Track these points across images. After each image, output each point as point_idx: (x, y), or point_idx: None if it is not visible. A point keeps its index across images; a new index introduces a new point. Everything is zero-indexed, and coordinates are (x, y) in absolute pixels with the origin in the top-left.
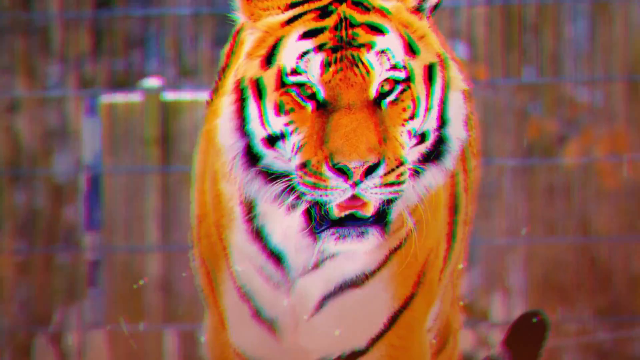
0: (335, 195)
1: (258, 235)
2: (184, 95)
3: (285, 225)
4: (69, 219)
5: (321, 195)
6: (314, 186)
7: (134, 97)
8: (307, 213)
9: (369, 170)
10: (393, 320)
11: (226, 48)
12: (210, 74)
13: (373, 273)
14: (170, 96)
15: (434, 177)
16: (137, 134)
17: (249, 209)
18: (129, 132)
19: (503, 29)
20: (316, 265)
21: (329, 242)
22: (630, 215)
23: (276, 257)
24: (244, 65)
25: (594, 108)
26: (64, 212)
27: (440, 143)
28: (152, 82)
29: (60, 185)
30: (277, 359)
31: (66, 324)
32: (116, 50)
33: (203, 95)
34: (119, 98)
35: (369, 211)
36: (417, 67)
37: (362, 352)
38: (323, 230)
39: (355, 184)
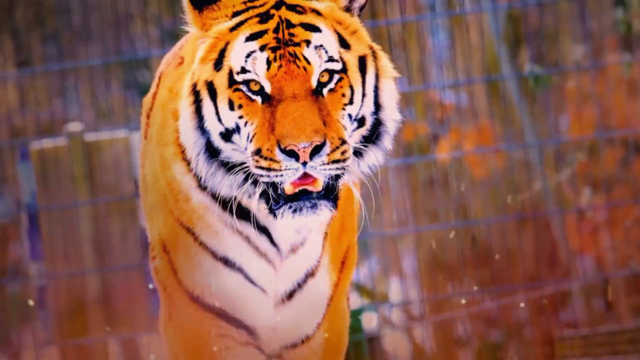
0: (289, 174)
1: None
2: (103, 135)
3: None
4: (15, 253)
5: (276, 176)
6: (268, 169)
7: (60, 141)
8: (266, 194)
9: (316, 150)
10: (327, 305)
11: (151, 92)
12: (123, 114)
13: (319, 261)
14: (91, 137)
15: (375, 155)
16: (65, 172)
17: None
18: (58, 172)
19: None
20: (293, 251)
21: (286, 215)
22: (500, 198)
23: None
24: (198, 70)
25: (459, 108)
26: (10, 248)
27: (378, 126)
28: (74, 127)
29: (4, 225)
30: (264, 317)
31: (22, 343)
32: (40, 102)
33: (119, 134)
34: (47, 143)
35: (319, 186)
36: (351, 58)
37: (309, 337)
38: (280, 207)
39: (305, 163)
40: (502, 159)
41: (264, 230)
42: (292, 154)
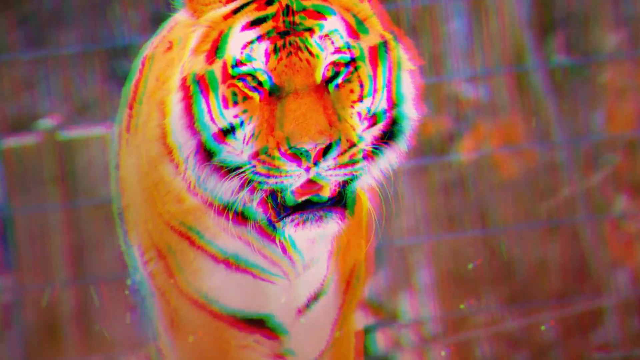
0: (291, 180)
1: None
2: (80, 133)
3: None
4: None
5: (277, 182)
6: (269, 173)
7: (31, 139)
8: (265, 202)
9: (322, 153)
10: (332, 330)
11: (134, 80)
12: (103, 108)
13: (322, 283)
14: (66, 134)
15: (389, 158)
16: (36, 174)
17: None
18: (28, 174)
19: None
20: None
21: (289, 229)
22: (526, 204)
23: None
24: (190, 62)
25: (480, 103)
26: None
27: (393, 124)
28: (45, 123)
29: None
30: (281, 311)
31: None
32: (8, 95)
33: (98, 131)
34: (17, 141)
35: (327, 193)
36: (363, 48)
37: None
38: (283, 218)
39: (309, 168)
40: (528, 159)
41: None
42: (296, 157)
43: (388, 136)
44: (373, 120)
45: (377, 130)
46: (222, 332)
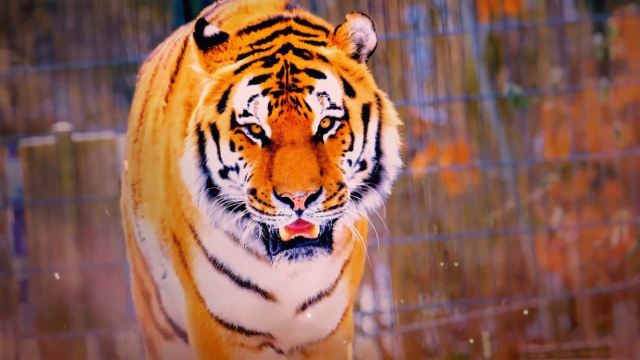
0: (282, 220)
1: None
2: (91, 136)
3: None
4: (0, 247)
5: (268, 219)
6: (262, 212)
7: (49, 140)
8: (264, 240)
9: (311, 198)
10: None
11: (175, 56)
12: (110, 116)
13: (337, 282)
14: (79, 137)
15: (374, 199)
16: (52, 170)
17: None
18: (45, 170)
19: None
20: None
21: (282, 262)
22: (474, 214)
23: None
24: (202, 110)
25: (438, 125)
26: None
27: (378, 170)
28: (63, 127)
29: None
30: (269, 322)
31: (4, 334)
32: (30, 101)
33: (106, 135)
34: (36, 141)
35: (315, 234)
36: (355, 105)
37: (328, 335)
38: (277, 253)
39: (299, 211)
40: (477, 176)
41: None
42: (287, 201)
43: (374, 180)
44: (362, 165)
45: (365, 174)
46: (217, 328)
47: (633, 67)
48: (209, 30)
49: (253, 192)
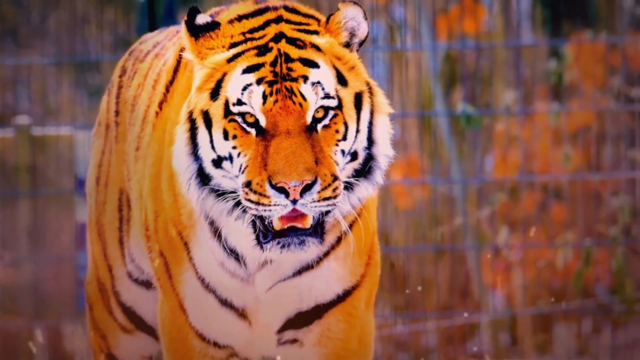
0: (277, 210)
1: (218, 236)
2: (50, 130)
3: (238, 229)
4: None
5: (264, 210)
6: (257, 203)
7: (8, 132)
8: (254, 224)
9: (307, 188)
10: (348, 293)
11: (171, 66)
12: (70, 112)
13: (327, 254)
14: (38, 131)
15: (366, 189)
16: (10, 163)
17: (207, 215)
18: (3, 162)
19: None
20: (268, 262)
21: (273, 250)
22: (422, 229)
23: (235, 255)
24: (195, 98)
25: (391, 139)
26: None
27: (370, 160)
28: (22, 120)
29: None
30: (243, 340)
31: None
32: None
33: (64, 131)
34: None
35: (308, 224)
36: (347, 95)
37: (318, 316)
38: (269, 242)
39: (295, 200)
40: (427, 191)
41: (232, 251)
42: (282, 191)
43: (366, 170)
44: (354, 156)
45: (356, 164)
46: (192, 339)
47: (585, 93)
48: (201, 19)
49: (248, 184)
